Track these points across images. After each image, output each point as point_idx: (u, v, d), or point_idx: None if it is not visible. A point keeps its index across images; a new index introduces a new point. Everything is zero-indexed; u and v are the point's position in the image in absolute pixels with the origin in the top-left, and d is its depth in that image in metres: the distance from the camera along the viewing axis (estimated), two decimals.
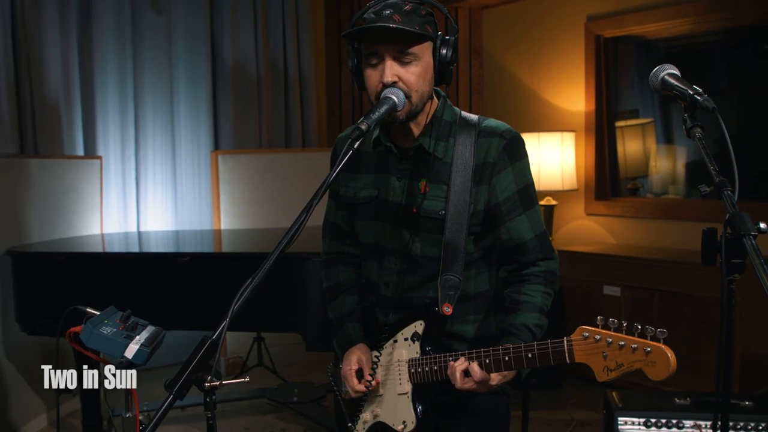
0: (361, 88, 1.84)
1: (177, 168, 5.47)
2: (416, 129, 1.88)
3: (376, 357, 1.94)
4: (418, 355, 1.85)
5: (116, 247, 4.17)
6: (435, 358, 1.81)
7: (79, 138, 4.95)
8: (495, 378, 1.73)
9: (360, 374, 1.95)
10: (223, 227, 5.29)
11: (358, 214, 2.01)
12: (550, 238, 4.96)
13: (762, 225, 1.15)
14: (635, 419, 2.59)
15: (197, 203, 5.54)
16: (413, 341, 1.87)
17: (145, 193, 5.34)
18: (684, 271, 4.13)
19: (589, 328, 1.58)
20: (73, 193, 4.57)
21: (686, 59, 4.85)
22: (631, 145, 5.09)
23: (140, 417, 4.10)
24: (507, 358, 1.70)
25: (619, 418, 2.61)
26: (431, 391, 1.87)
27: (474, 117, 1.90)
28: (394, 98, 1.72)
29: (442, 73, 1.81)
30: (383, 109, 1.69)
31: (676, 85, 1.42)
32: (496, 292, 1.98)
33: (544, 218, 5.03)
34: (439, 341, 1.88)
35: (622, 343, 1.52)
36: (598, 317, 1.58)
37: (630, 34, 4.93)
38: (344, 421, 2.02)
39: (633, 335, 1.53)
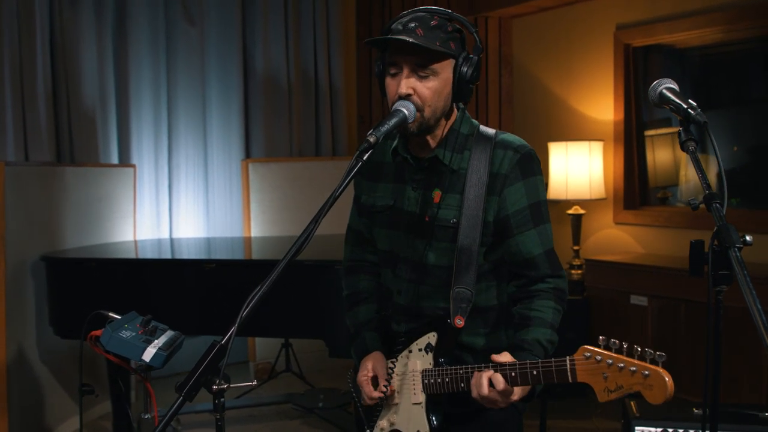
0: (383, 93, 1.88)
1: (209, 176, 5.57)
2: (432, 141, 1.90)
3: (392, 366, 1.95)
4: (431, 366, 1.87)
5: (148, 254, 4.26)
6: (447, 370, 1.83)
7: (114, 147, 5.08)
8: (517, 392, 1.72)
9: (375, 381, 1.98)
10: (253, 234, 5.36)
11: (376, 222, 2.04)
12: (577, 248, 4.94)
13: (748, 237, 1.17)
14: (652, 429, 2.58)
15: (228, 211, 5.63)
16: (426, 352, 1.89)
17: (178, 200, 5.44)
18: None
19: (591, 348, 1.60)
20: (107, 200, 4.68)
21: (720, 68, 4.79)
22: (661, 154, 5.04)
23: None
24: (513, 374, 1.70)
25: (636, 428, 2.60)
26: (444, 402, 1.90)
27: (491, 131, 1.91)
28: (405, 111, 1.74)
29: (461, 90, 1.83)
30: (392, 121, 1.72)
31: (672, 99, 1.44)
32: (505, 306, 1.98)
33: (572, 227, 5.04)
34: (451, 353, 1.90)
35: (622, 365, 1.54)
36: (600, 337, 1.60)
37: (660, 43, 4.89)
38: (363, 427, 2.06)
39: (633, 357, 1.55)
